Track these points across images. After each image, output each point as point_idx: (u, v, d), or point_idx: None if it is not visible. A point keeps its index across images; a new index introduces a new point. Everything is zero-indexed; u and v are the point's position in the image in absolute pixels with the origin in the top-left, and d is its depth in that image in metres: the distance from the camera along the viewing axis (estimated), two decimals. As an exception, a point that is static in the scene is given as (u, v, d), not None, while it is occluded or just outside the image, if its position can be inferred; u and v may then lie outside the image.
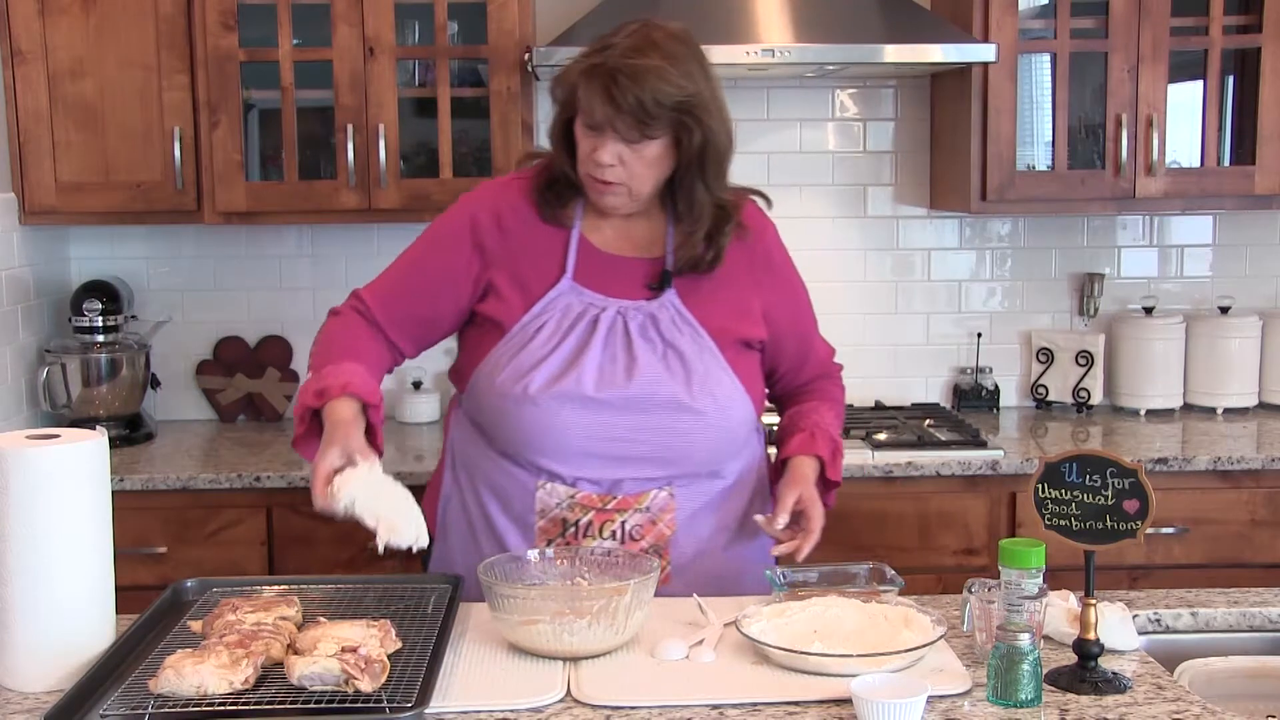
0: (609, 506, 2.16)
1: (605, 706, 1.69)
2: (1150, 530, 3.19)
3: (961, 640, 1.91)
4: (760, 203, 2.31)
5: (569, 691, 1.74)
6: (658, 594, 1.94)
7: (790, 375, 2.38)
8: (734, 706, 1.69)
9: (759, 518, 2.20)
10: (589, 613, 1.81)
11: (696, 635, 1.90)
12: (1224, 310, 3.75)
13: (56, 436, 1.83)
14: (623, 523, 2.17)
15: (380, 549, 1.92)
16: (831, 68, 3.37)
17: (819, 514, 2.21)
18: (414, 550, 1.95)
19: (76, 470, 1.79)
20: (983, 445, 3.25)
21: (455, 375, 2.31)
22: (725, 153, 2.17)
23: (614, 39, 2.09)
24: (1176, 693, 1.75)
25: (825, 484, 2.28)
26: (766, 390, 2.39)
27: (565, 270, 2.19)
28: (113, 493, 1.87)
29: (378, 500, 1.95)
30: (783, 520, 2.17)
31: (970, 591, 1.87)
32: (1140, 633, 1.96)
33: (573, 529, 2.16)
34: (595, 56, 2.09)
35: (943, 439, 3.30)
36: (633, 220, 2.24)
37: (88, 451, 1.81)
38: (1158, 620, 2.08)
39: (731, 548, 2.25)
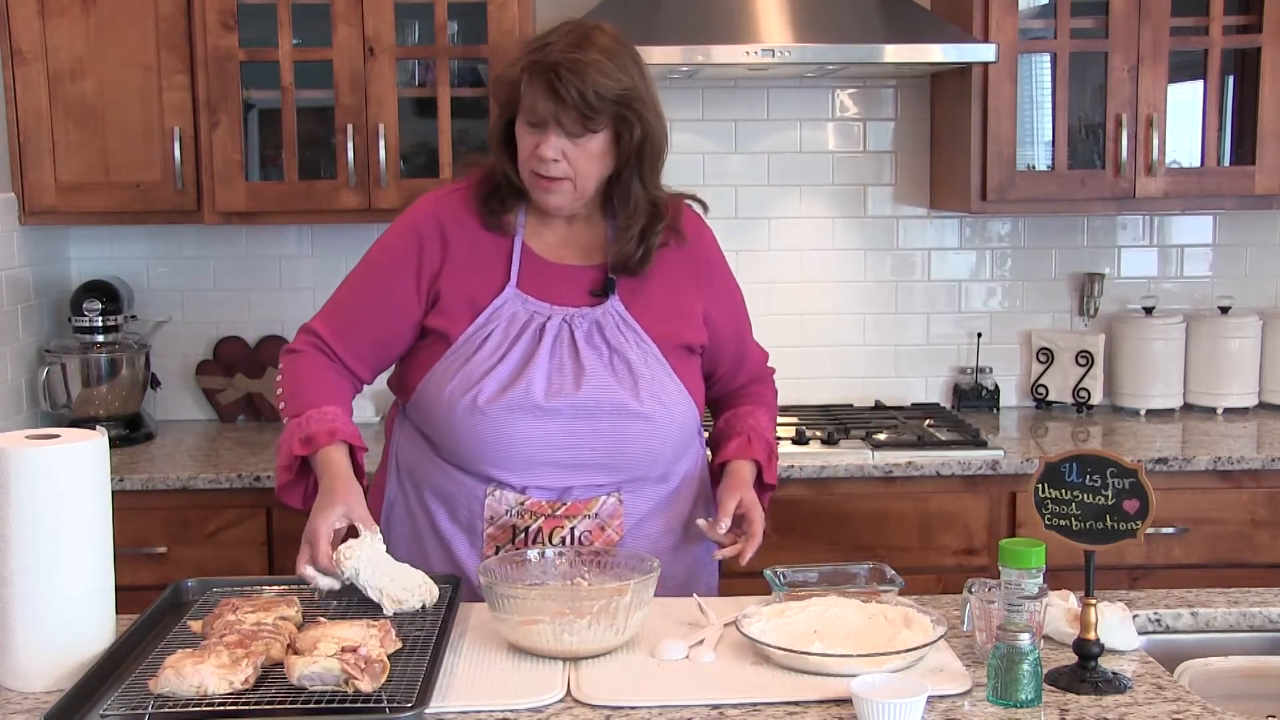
0: (558, 513, 2.17)
1: (605, 706, 1.69)
2: (1150, 530, 3.19)
3: (961, 640, 1.91)
4: (696, 207, 2.33)
5: (569, 691, 1.74)
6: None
7: (726, 379, 2.41)
8: (734, 706, 1.69)
9: (701, 522, 2.23)
10: (589, 613, 1.81)
11: (696, 635, 1.90)
12: (1224, 310, 3.75)
13: (56, 436, 1.83)
14: (572, 529, 2.18)
15: (389, 614, 1.94)
16: (831, 68, 3.37)
17: (760, 517, 2.25)
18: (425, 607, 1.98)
19: (76, 470, 1.79)
20: (983, 445, 3.25)
21: (397, 384, 2.32)
22: (661, 149, 2.20)
23: (551, 38, 2.12)
24: (1176, 693, 1.75)
25: (762, 487, 2.32)
26: (708, 397, 2.42)
27: (509, 278, 2.19)
28: (113, 493, 1.87)
29: (380, 575, 1.96)
30: (725, 524, 2.20)
31: (970, 591, 1.87)
32: (1140, 633, 1.96)
33: (521, 535, 2.17)
34: (535, 54, 2.10)
35: (943, 439, 3.30)
36: (574, 227, 2.25)
37: (88, 451, 1.81)
38: (1158, 620, 2.07)
39: (679, 550, 2.27)
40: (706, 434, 2.43)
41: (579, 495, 2.18)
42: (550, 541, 2.16)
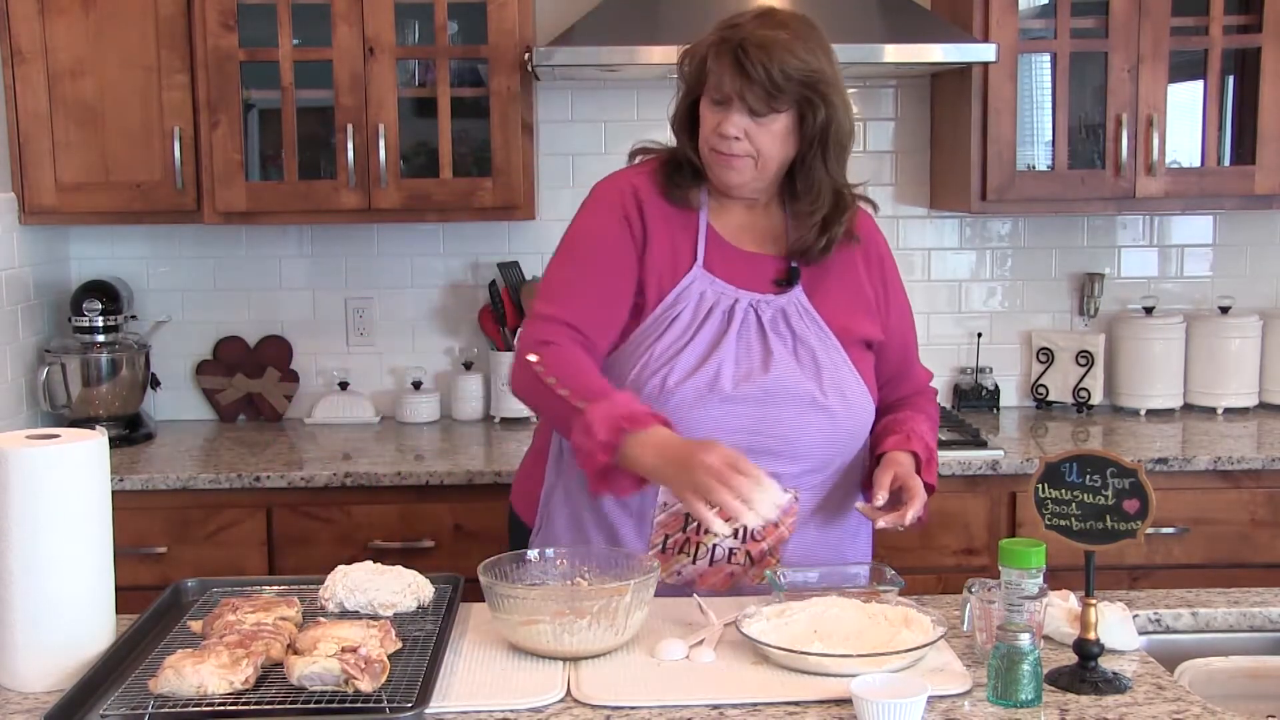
0: None
1: (605, 706, 1.69)
2: (1150, 530, 3.19)
3: (961, 640, 1.91)
4: (867, 208, 2.30)
5: (569, 691, 1.74)
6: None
7: (888, 388, 2.34)
8: (734, 706, 1.69)
9: (860, 506, 2.17)
10: (589, 613, 1.81)
11: (696, 635, 1.90)
12: (1224, 310, 3.75)
13: (56, 436, 1.83)
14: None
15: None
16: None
17: (917, 485, 2.15)
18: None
19: (76, 470, 1.79)
20: (983, 445, 3.25)
21: None
22: (848, 136, 2.17)
23: (741, 18, 2.11)
24: (1176, 693, 1.75)
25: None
26: None
27: (696, 258, 2.18)
28: (113, 493, 1.88)
29: (362, 591, 1.96)
30: (882, 498, 2.12)
31: (970, 591, 1.87)
32: (1140, 633, 1.95)
33: (694, 524, 2.12)
34: (725, 31, 2.10)
35: (943, 439, 3.29)
36: (753, 213, 2.23)
37: (88, 451, 1.81)
38: (1158, 620, 2.07)
39: (833, 548, 2.23)
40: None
41: None
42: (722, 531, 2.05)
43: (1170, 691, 1.75)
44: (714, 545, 2.11)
